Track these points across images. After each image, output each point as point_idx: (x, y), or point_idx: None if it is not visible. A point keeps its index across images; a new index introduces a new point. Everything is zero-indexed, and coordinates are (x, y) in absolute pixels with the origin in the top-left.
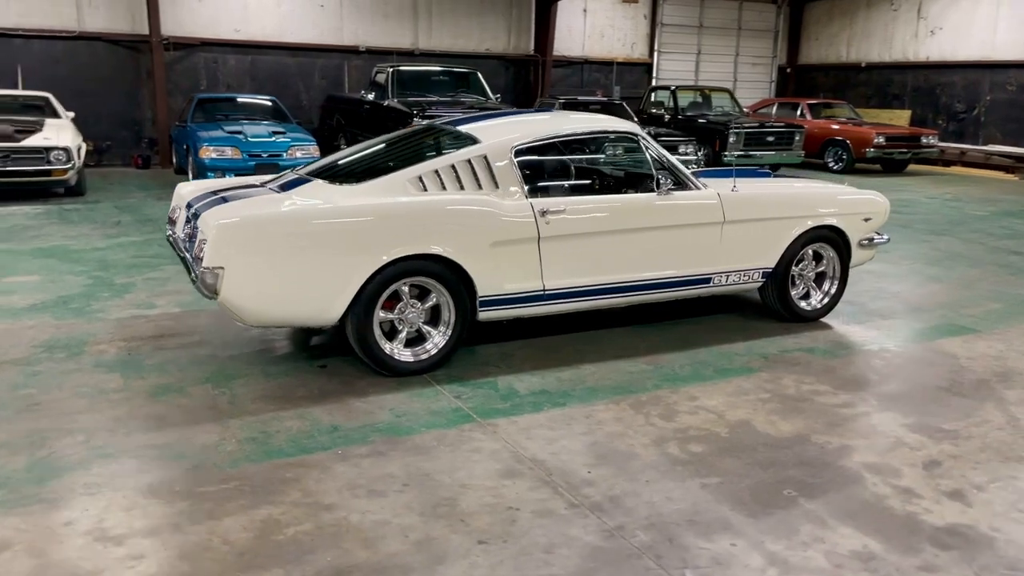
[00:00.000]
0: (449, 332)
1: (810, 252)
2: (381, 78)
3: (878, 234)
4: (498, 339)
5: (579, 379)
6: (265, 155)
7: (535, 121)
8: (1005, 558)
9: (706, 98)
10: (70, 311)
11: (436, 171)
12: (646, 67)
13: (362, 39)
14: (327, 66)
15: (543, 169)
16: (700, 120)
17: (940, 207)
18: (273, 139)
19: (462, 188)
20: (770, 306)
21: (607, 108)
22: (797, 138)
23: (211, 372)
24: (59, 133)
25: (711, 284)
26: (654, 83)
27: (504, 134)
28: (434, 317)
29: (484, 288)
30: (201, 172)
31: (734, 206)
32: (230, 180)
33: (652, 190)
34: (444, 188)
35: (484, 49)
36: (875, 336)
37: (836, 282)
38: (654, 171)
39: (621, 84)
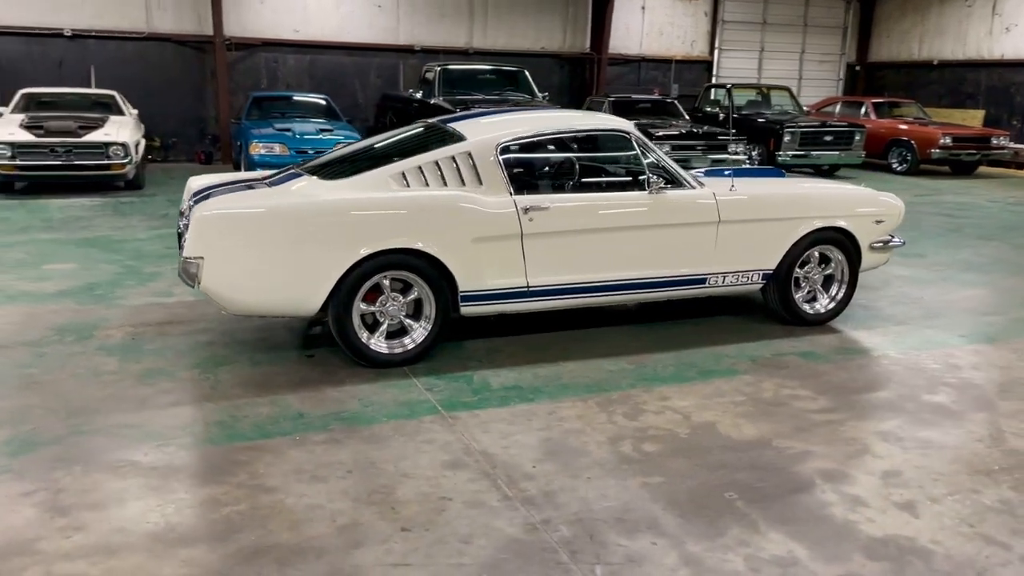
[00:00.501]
0: (429, 326)
1: (816, 254)
2: (429, 76)
3: (892, 237)
4: (488, 334)
5: (555, 376)
6: (312, 152)
7: (524, 119)
8: (938, 572)
9: (765, 96)
10: (93, 297)
11: (419, 167)
12: (706, 65)
13: (417, 39)
14: (383, 65)
15: (530, 166)
16: (755, 119)
17: (999, 211)
18: (320, 136)
19: (445, 184)
20: (772, 308)
21: (657, 106)
22: (857, 138)
23: (204, 358)
24: (119, 130)
25: (707, 285)
26: (714, 81)
27: (490, 132)
28: (417, 311)
29: (465, 283)
30: (251, 168)
31: (730, 206)
32: (235, 175)
33: (643, 189)
34: (427, 184)
35: (539, 48)
36: (880, 342)
37: (844, 286)
38: (646, 169)
39: (680, 82)
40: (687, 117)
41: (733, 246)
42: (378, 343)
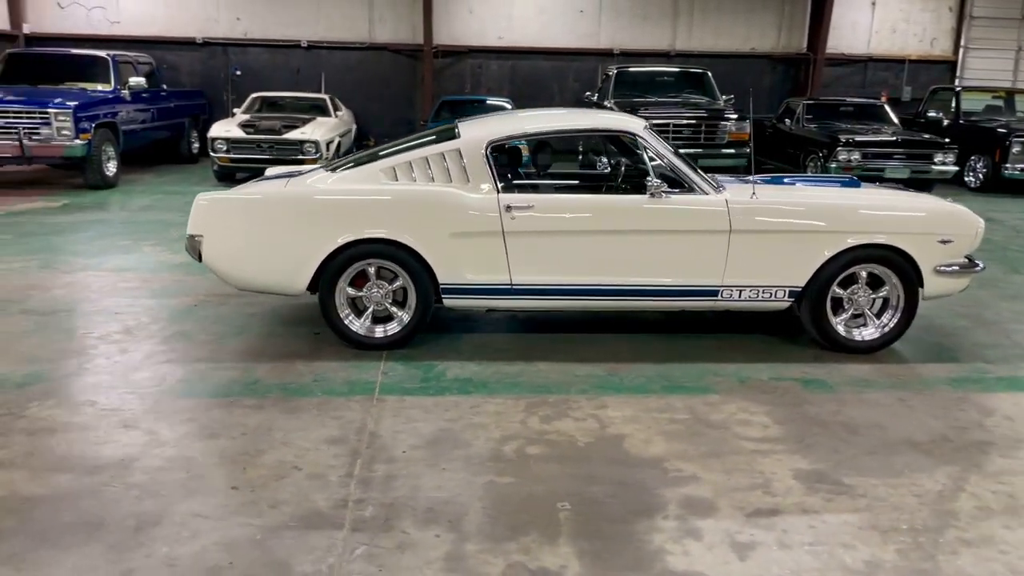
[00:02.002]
0: (410, 314)
1: (863, 274)
2: (608, 80)
3: (970, 260)
4: (505, 330)
5: (515, 374)
6: None
7: (522, 118)
8: None
9: (1009, 101)
10: (201, 269)
11: (409, 163)
12: (948, 65)
13: (618, 42)
14: (581, 69)
15: (517, 165)
16: (982, 126)
17: None
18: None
19: (433, 180)
20: (806, 330)
21: (863, 110)
22: None
23: (231, 327)
24: (315, 129)
25: (719, 297)
26: (957, 83)
27: (484, 130)
28: (404, 299)
29: (444, 276)
30: None
31: (745, 215)
32: (287, 168)
33: (645, 191)
34: (414, 179)
35: (749, 48)
36: (909, 376)
37: (898, 313)
38: (650, 172)
39: (913, 85)
40: (897, 123)
41: (749, 258)
42: (361, 326)
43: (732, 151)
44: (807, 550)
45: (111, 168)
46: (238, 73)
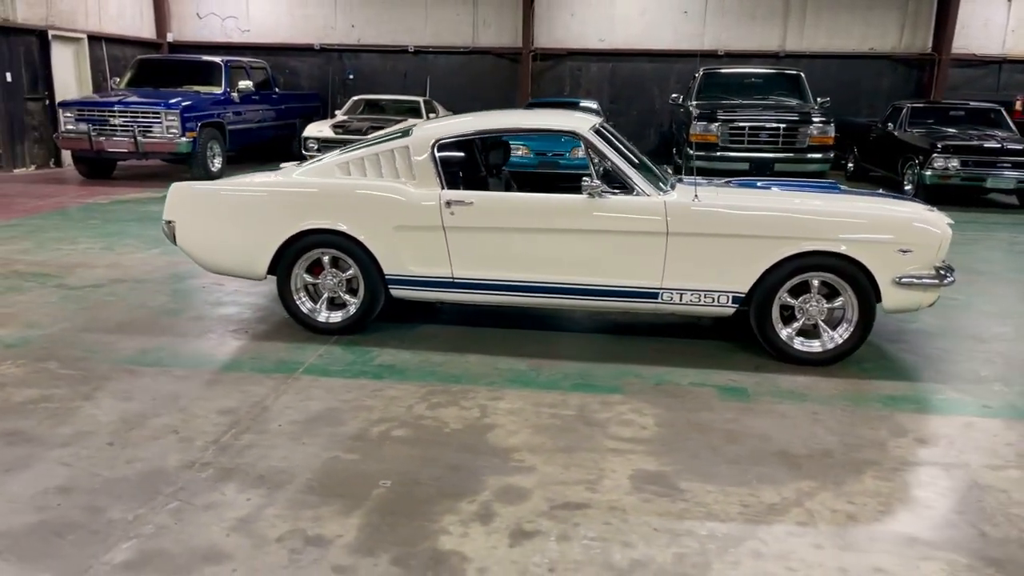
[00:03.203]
0: (358, 302)
1: (815, 283)
2: (694, 81)
3: (940, 272)
4: (461, 323)
5: (437, 364)
6: (549, 154)
7: (473, 119)
8: None
9: None
10: None
11: (362, 159)
12: None
13: (724, 43)
14: (683, 71)
15: (467, 163)
16: None
17: None
18: (561, 139)
19: (383, 176)
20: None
21: (977, 114)
22: None
23: (224, 308)
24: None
25: (659, 300)
26: None
27: (432, 129)
28: (359, 287)
29: (389, 267)
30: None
31: (684, 217)
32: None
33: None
34: (365, 174)
35: (867, 48)
36: (845, 391)
37: (851, 327)
38: (592, 172)
39: None
40: (1014, 130)
41: (689, 261)
42: (312, 310)
43: (817, 155)
44: (583, 544)
45: (216, 164)
46: (351, 77)
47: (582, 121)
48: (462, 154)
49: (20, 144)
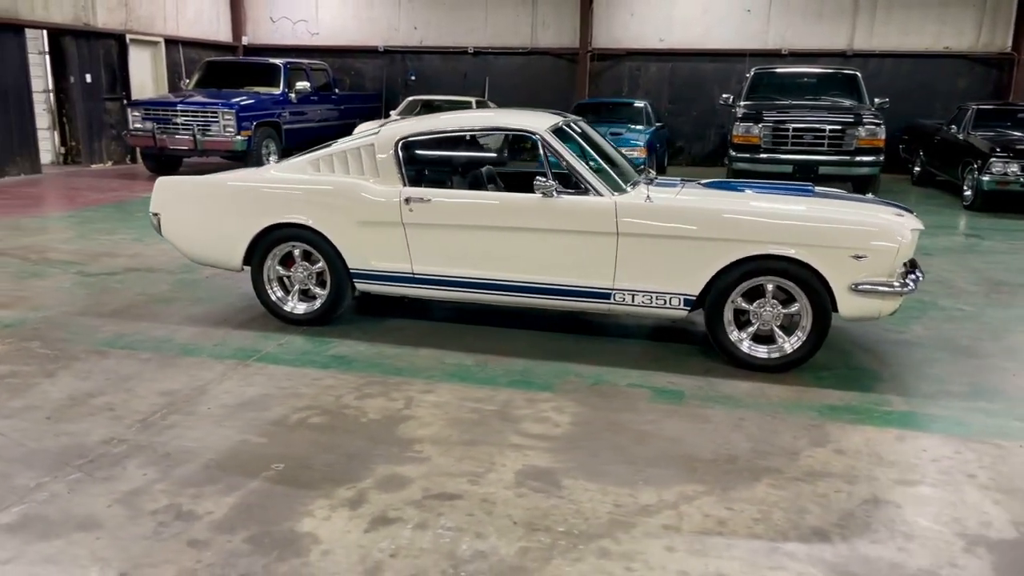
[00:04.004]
0: (326, 295)
1: (769, 287)
2: (745, 81)
3: (902, 279)
4: (433, 318)
5: (386, 356)
6: None
7: (436, 118)
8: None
9: None
10: None
11: (331, 156)
12: None
13: (788, 42)
14: (745, 71)
15: (428, 161)
16: None
17: None
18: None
19: (350, 172)
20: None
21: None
22: None
23: (217, 297)
24: None
25: (612, 301)
26: None
27: (397, 129)
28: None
29: (352, 261)
30: None
31: (633, 218)
32: None
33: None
34: (334, 171)
35: (942, 47)
36: (784, 398)
37: (805, 334)
38: (547, 172)
39: None
40: None
41: (640, 263)
42: (280, 300)
43: (867, 158)
44: (436, 533)
45: (271, 162)
46: (413, 78)
47: (541, 121)
48: (429, 152)
49: (98, 141)
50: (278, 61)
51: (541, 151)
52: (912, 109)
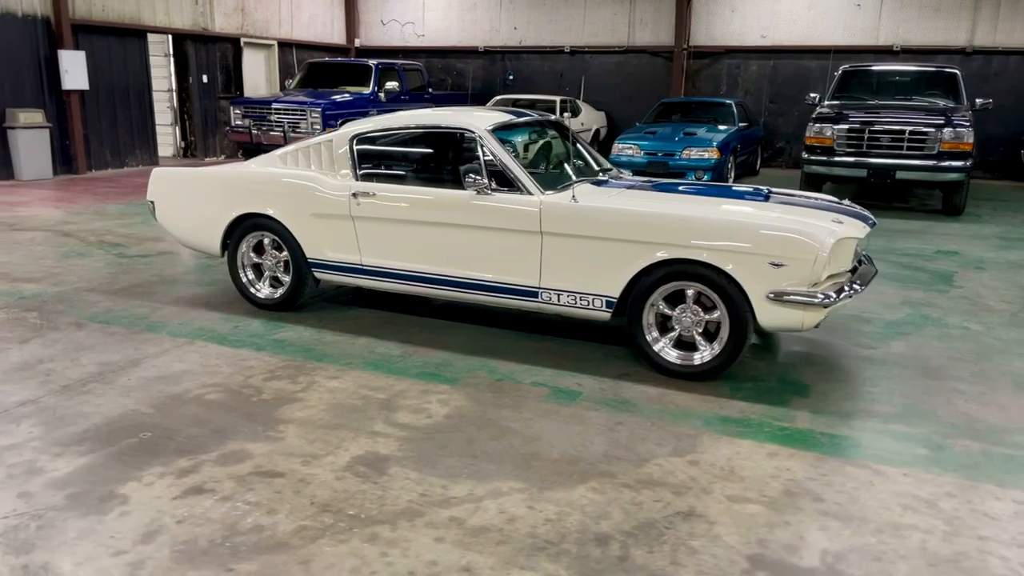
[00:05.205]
0: (289, 281)
1: (690, 293)
2: (833, 80)
3: (826, 291)
4: (402, 310)
5: (325, 343)
6: (659, 154)
7: (389, 116)
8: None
9: None
10: None
11: (297, 151)
12: None
13: (902, 38)
14: None
15: (379, 156)
16: None
17: None
18: (675, 140)
19: (311, 167)
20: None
21: None
22: None
23: (212, 281)
24: None
25: (539, 300)
26: None
27: (354, 126)
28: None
29: (309, 251)
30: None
31: (556, 218)
32: None
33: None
34: (298, 165)
35: None
36: (685, 406)
37: (723, 343)
38: (482, 169)
39: None
40: None
41: (564, 262)
42: (251, 283)
43: (954, 163)
44: (234, 505)
45: None
46: (511, 77)
47: (481, 119)
48: (381, 148)
49: (212, 137)
50: (371, 62)
51: (479, 149)
52: None
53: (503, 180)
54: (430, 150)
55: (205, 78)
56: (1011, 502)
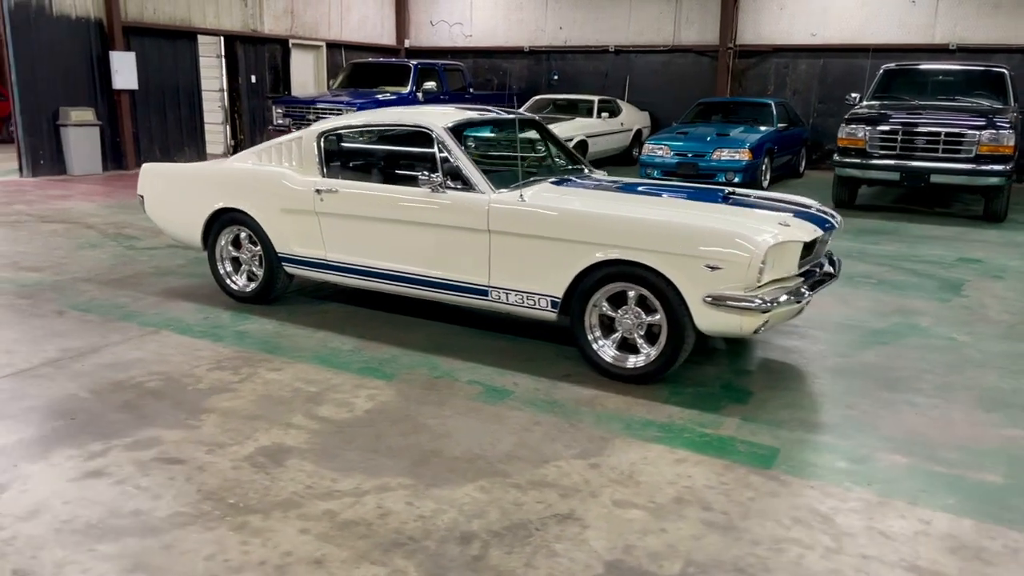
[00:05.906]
0: (261, 274)
1: (631, 295)
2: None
3: (765, 295)
4: (376, 307)
5: (283, 336)
6: (690, 155)
7: (355, 114)
8: None
9: None
10: None
11: (271, 148)
12: None
13: (959, 36)
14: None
15: (344, 153)
16: None
17: None
18: (707, 141)
19: (282, 163)
20: None
21: None
22: None
23: (203, 274)
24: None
25: (489, 298)
26: None
27: (322, 123)
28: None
29: (278, 245)
30: (641, 167)
31: (502, 216)
32: None
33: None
34: (271, 161)
35: None
36: (615, 409)
37: (661, 346)
38: (438, 167)
39: None
40: None
41: (509, 261)
42: (228, 275)
43: (994, 167)
44: (123, 488)
45: None
46: (556, 77)
47: (440, 117)
48: (346, 146)
49: (260, 135)
50: (411, 62)
51: (435, 147)
52: None
53: (460, 179)
54: (392, 148)
55: (253, 78)
56: (916, 520)
